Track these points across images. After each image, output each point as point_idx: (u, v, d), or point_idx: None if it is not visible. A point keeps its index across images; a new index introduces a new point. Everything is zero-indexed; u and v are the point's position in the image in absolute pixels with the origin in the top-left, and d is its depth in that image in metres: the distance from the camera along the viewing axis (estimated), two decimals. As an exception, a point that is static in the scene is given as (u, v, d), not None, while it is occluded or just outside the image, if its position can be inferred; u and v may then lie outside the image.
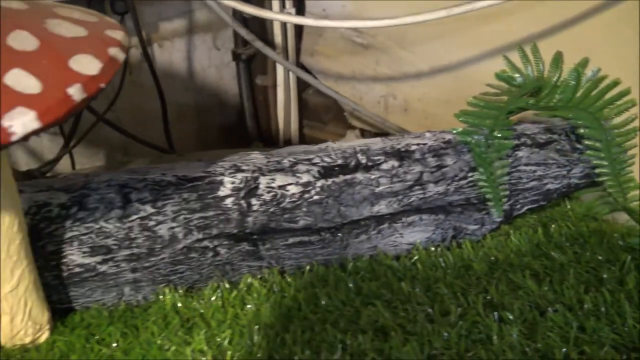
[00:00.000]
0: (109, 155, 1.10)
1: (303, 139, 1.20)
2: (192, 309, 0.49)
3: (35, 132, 0.34)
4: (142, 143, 0.97)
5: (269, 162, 0.55)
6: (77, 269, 0.50)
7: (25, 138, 0.34)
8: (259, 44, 0.86)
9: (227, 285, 0.52)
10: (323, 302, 0.49)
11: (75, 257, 0.50)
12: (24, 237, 0.45)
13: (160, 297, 0.51)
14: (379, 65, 1.05)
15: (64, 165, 0.98)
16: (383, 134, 1.07)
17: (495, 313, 0.46)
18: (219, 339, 0.45)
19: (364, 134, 1.13)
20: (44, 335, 0.48)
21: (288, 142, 1.19)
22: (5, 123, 0.33)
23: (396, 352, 0.43)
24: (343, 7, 1.04)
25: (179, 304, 0.50)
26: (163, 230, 0.52)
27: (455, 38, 0.92)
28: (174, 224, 0.52)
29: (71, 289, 0.51)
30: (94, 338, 0.47)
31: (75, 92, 0.35)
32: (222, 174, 0.53)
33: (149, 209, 0.51)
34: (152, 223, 0.51)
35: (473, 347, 0.43)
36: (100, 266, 0.51)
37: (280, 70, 1.10)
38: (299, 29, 1.08)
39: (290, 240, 0.54)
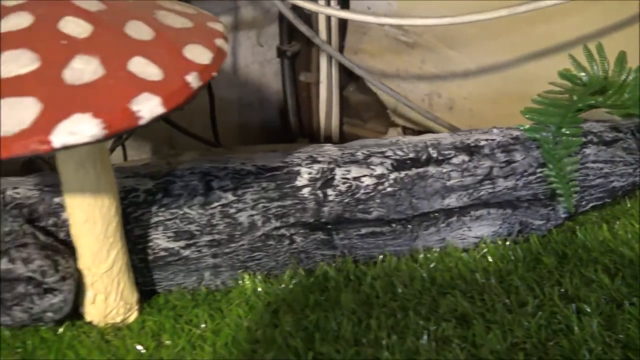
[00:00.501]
0: (155, 148, 1.12)
1: (343, 136, 1.21)
2: (273, 294, 0.51)
3: (158, 118, 0.35)
4: (193, 137, 0.99)
5: (343, 154, 0.56)
6: (162, 253, 0.52)
7: (150, 122, 0.35)
8: (318, 41, 0.88)
9: (302, 273, 0.54)
10: (399, 291, 0.51)
11: (160, 241, 0.52)
12: (119, 221, 0.47)
13: (240, 282, 0.53)
14: (425, 64, 1.06)
15: (115, 157, 1.00)
16: (426, 131, 1.08)
17: (573, 305, 0.47)
18: (304, 323, 0.47)
19: (405, 131, 1.14)
20: (133, 315, 0.50)
21: (328, 139, 1.21)
22: (134, 107, 0.35)
23: (480, 339, 0.44)
24: (389, 6, 1.06)
25: (259, 289, 0.51)
26: (243, 218, 0.53)
27: (502, 38, 0.93)
28: (253, 212, 0.53)
29: (155, 272, 0.53)
30: (182, 319, 0.48)
31: (193, 80, 0.37)
32: (299, 165, 0.55)
33: (229, 196, 0.53)
34: (232, 210, 0.53)
35: (554, 337, 0.44)
36: (184, 251, 0.53)
37: (323, 68, 1.12)
38: (342, 27, 1.09)
39: (363, 231, 0.56)
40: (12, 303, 0.47)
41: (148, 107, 0.35)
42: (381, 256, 0.56)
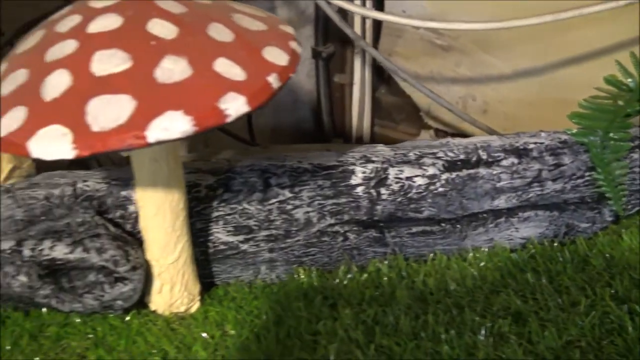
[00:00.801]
0: (191, 146, 1.14)
1: (374, 137, 1.22)
2: (329, 288, 0.52)
3: (242, 116, 0.37)
4: (232, 136, 1.01)
5: (395, 154, 0.58)
6: (222, 246, 0.54)
7: (234, 120, 0.37)
8: (363, 44, 0.90)
9: (355, 269, 0.55)
10: (452, 288, 0.52)
11: (220, 235, 0.54)
12: (186, 214, 0.49)
13: (296, 276, 0.55)
14: (459, 67, 1.07)
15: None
16: (459, 134, 1.10)
17: (625, 306, 0.48)
18: (362, 317, 0.48)
19: (438, 133, 1.15)
20: (195, 306, 0.52)
21: (360, 140, 1.22)
22: (222, 106, 0.36)
23: (536, 336, 0.45)
24: (423, 9, 1.07)
25: (316, 283, 0.53)
26: (299, 214, 0.55)
27: (538, 43, 0.94)
28: (309, 209, 0.55)
29: (214, 264, 0.55)
30: (243, 310, 0.50)
31: (274, 81, 0.39)
32: (354, 164, 0.56)
33: (287, 193, 0.55)
34: (289, 207, 0.55)
35: (608, 336, 0.46)
36: (242, 245, 0.54)
37: (357, 69, 1.13)
38: (376, 29, 1.11)
39: (414, 229, 0.57)
40: (83, 291, 0.49)
41: (234, 106, 0.37)
42: (431, 255, 0.57)
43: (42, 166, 0.56)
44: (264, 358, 0.45)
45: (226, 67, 0.38)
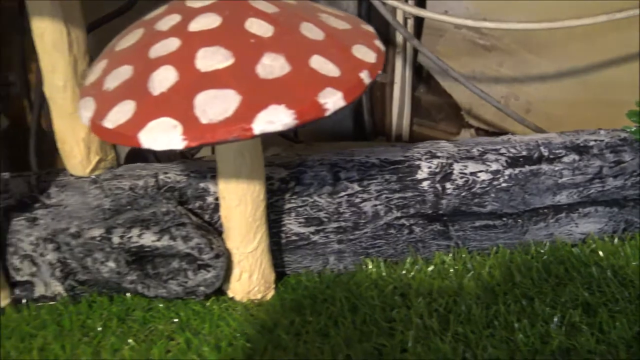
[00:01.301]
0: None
1: (412, 136, 1.24)
2: (397, 279, 0.54)
3: (338, 110, 0.39)
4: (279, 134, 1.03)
5: (459, 150, 0.59)
6: (294, 237, 0.56)
7: (330, 114, 0.39)
8: (415, 42, 0.91)
9: (421, 260, 0.57)
10: (518, 280, 0.54)
11: (292, 226, 0.56)
12: (265, 205, 0.51)
13: (364, 267, 0.57)
14: (502, 67, 1.08)
15: (205, 149, 1.05)
16: (501, 132, 1.11)
17: (692, 298, 0.50)
18: (435, 305, 0.50)
19: (478, 132, 1.16)
20: (270, 293, 0.54)
21: (399, 138, 1.24)
22: (321, 100, 0.38)
23: (607, 326, 0.47)
24: (466, 9, 1.08)
25: (384, 274, 0.55)
26: (367, 207, 0.57)
27: (582, 43, 0.95)
28: (377, 202, 0.57)
29: (286, 254, 0.57)
30: (318, 298, 0.52)
31: (365, 77, 0.41)
32: (420, 159, 0.58)
33: (355, 187, 0.57)
34: (358, 200, 0.57)
35: (678, 327, 0.47)
36: (313, 236, 0.57)
37: (398, 69, 1.15)
38: (418, 29, 1.12)
39: (477, 223, 0.59)
40: (167, 277, 0.51)
41: (332, 100, 0.39)
42: (494, 248, 0.59)
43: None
44: (343, 343, 0.47)
45: (321, 64, 0.40)
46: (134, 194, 0.53)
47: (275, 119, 0.37)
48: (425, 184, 0.58)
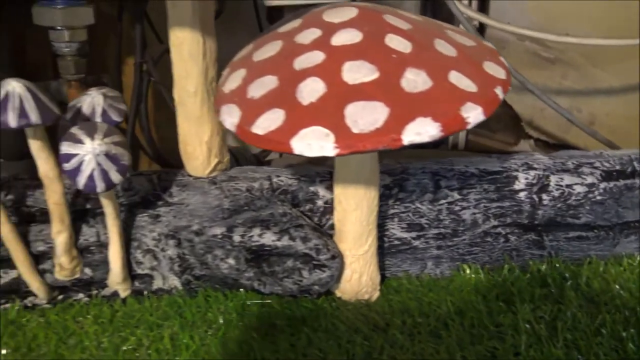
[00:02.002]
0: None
1: (468, 146, 1.25)
2: (497, 285, 0.56)
3: (476, 125, 0.42)
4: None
5: (554, 162, 0.61)
6: (396, 242, 0.59)
7: (465, 127, 0.41)
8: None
9: (517, 268, 0.59)
10: (615, 291, 0.55)
11: (395, 231, 0.59)
12: (378, 210, 0.54)
13: (461, 272, 0.59)
14: (565, 80, 1.10)
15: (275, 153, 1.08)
16: (562, 145, 1.12)
17: None
18: (540, 312, 0.52)
19: (537, 143, 1.17)
20: (376, 295, 0.56)
21: (454, 147, 1.25)
22: (464, 114, 0.41)
23: None
24: (531, 22, 1.09)
25: (483, 280, 0.57)
26: (466, 215, 0.59)
27: (650, 58, 0.96)
28: (475, 210, 0.59)
29: (388, 258, 0.59)
30: (423, 301, 0.54)
31: (499, 93, 0.43)
32: (517, 170, 0.60)
33: (455, 195, 0.59)
34: (457, 208, 0.59)
35: None
36: (414, 241, 0.59)
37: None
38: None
39: (571, 234, 0.61)
40: (282, 275, 0.54)
41: (474, 114, 0.41)
42: (587, 259, 0.61)
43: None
44: (454, 344, 0.49)
45: (459, 80, 0.43)
46: (251, 196, 0.56)
47: (423, 130, 0.40)
48: (522, 194, 0.60)
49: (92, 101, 0.53)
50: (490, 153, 0.74)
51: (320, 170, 0.58)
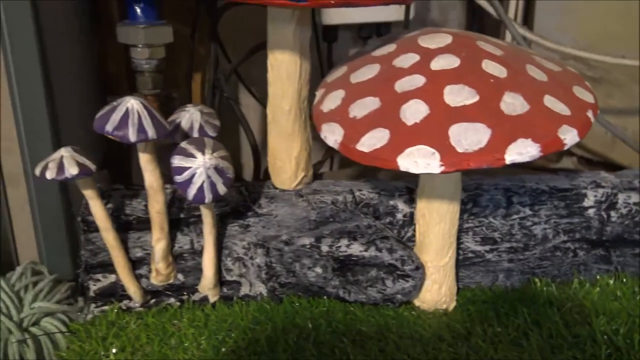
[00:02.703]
0: (341, 162, 1.22)
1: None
2: (569, 298, 0.59)
3: (568, 145, 0.44)
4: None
5: (621, 181, 0.64)
6: (470, 254, 0.62)
7: (563, 148, 0.44)
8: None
9: (586, 282, 0.61)
10: (685, 305, 0.58)
11: (469, 244, 0.61)
12: (457, 224, 0.57)
13: (532, 285, 0.61)
14: (610, 99, 1.12)
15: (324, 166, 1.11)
16: (604, 162, 1.14)
17: None
18: (615, 325, 0.54)
19: (580, 161, 1.19)
20: (453, 304, 0.59)
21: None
22: (561, 136, 0.44)
23: None
24: (575, 42, 1.12)
25: (555, 293, 0.60)
26: (537, 230, 0.62)
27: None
28: (546, 226, 0.62)
29: (462, 270, 0.62)
30: (500, 311, 0.57)
31: (591, 116, 0.46)
32: (586, 188, 0.63)
33: (527, 211, 0.62)
34: (529, 223, 0.62)
35: None
36: (487, 254, 0.62)
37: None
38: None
39: (637, 251, 0.63)
40: (367, 284, 0.57)
41: (570, 136, 0.44)
42: (654, 275, 0.63)
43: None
44: (536, 352, 0.52)
45: (553, 103, 0.46)
46: (336, 208, 0.59)
47: (524, 151, 0.43)
48: (591, 211, 0.62)
49: (191, 117, 0.57)
50: (532, 169, 0.77)
51: (398, 185, 0.61)
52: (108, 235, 0.55)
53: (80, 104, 0.73)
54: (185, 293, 0.59)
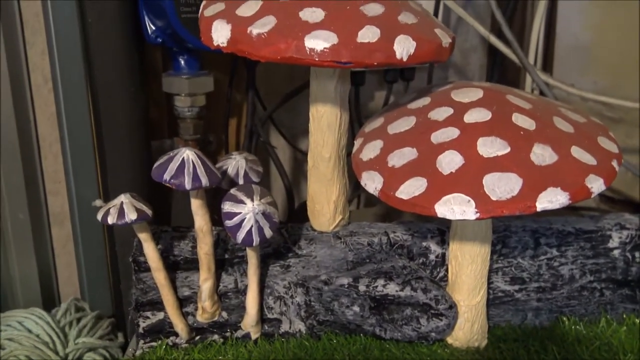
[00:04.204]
0: (367, 200, 1.25)
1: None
2: (597, 337, 0.61)
3: (595, 194, 0.48)
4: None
5: (645, 223, 0.67)
6: (500, 294, 0.64)
7: (590, 196, 0.48)
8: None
9: (613, 322, 0.64)
10: None
11: (499, 284, 0.64)
12: (488, 263, 0.59)
13: (560, 324, 0.64)
14: (630, 139, 1.15)
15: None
16: (624, 200, 1.16)
17: None
18: (643, 363, 0.57)
19: (601, 199, 1.22)
20: (484, 342, 0.62)
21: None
22: (589, 185, 0.47)
23: None
24: (594, 84, 1.15)
25: (583, 331, 0.62)
26: (564, 270, 0.64)
27: None
28: (573, 266, 0.65)
29: (492, 309, 0.65)
30: (530, 350, 0.59)
31: (615, 165, 0.49)
32: (610, 230, 0.66)
33: (554, 252, 0.65)
34: (556, 263, 0.64)
35: None
36: (516, 293, 0.64)
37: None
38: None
39: (662, 290, 0.66)
40: (402, 322, 0.60)
41: (597, 185, 0.47)
42: (679, 313, 0.65)
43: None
44: (568, 391, 0.54)
45: (580, 154, 0.49)
46: (372, 249, 0.62)
47: (554, 199, 0.46)
48: (616, 252, 0.65)
49: (237, 164, 0.61)
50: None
51: (430, 227, 0.65)
52: (159, 275, 0.59)
53: (126, 148, 0.78)
54: (228, 330, 0.62)
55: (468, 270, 0.58)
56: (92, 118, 0.77)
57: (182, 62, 0.79)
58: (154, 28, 0.75)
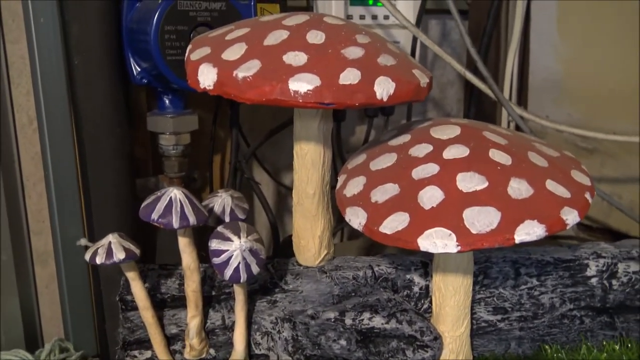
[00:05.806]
0: (352, 233, 1.27)
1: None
2: (580, 364, 0.62)
3: (570, 225, 0.50)
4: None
5: (620, 251, 0.69)
6: (483, 324, 0.66)
7: (565, 228, 0.49)
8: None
9: (594, 349, 0.65)
10: (689, 369, 0.61)
11: (482, 314, 0.65)
12: (471, 294, 0.61)
13: (543, 352, 0.65)
14: (604, 168, 1.18)
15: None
16: (603, 228, 1.19)
17: None
18: (624, 389, 0.58)
19: (579, 227, 1.24)
20: (470, 374, 0.63)
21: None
22: (564, 217, 0.49)
23: None
24: (569, 116, 1.19)
25: (565, 358, 0.63)
26: (545, 299, 0.66)
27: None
28: (553, 295, 0.66)
29: (475, 339, 0.66)
30: (515, 378, 0.61)
31: (589, 197, 0.52)
32: (587, 259, 0.68)
33: (534, 281, 0.66)
34: (536, 293, 0.66)
35: None
36: (499, 323, 0.66)
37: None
38: (517, 129, 1.23)
39: (639, 317, 0.67)
40: (388, 355, 0.61)
41: (571, 217, 0.49)
42: (657, 339, 0.67)
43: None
44: (552, 419, 0.55)
45: (554, 187, 0.51)
46: (357, 283, 0.63)
47: (532, 231, 0.48)
48: (593, 280, 0.67)
49: (223, 201, 0.62)
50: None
51: (414, 260, 0.66)
52: (147, 313, 0.59)
53: (111, 187, 0.79)
54: (216, 367, 0.63)
55: (451, 302, 0.60)
56: (77, 157, 0.78)
57: (167, 101, 0.80)
58: (139, 69, 0.76)
